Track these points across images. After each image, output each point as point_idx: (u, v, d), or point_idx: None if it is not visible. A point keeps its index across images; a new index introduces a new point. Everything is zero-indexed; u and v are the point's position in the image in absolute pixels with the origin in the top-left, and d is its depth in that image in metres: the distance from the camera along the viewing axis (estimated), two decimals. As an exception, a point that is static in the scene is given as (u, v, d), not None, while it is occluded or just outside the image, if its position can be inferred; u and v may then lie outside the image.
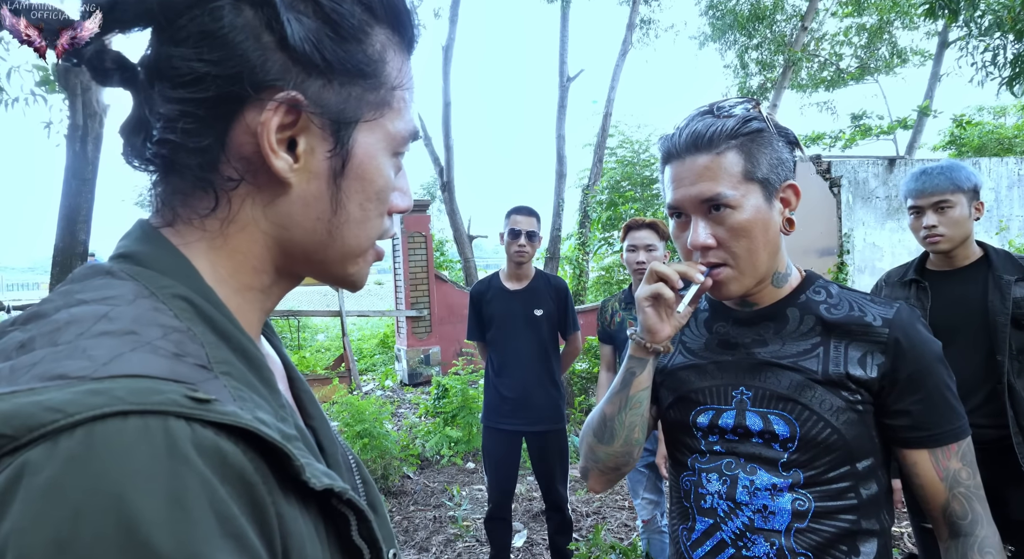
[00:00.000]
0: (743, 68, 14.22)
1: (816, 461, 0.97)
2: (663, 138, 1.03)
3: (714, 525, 1.02)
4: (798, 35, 12.55)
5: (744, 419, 1.02)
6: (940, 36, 13.62)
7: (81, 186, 5.13)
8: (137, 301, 0.42)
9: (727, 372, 1.05)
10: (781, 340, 1.03)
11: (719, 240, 0.98)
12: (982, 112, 15.05)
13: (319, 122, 0.48)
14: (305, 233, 0.51)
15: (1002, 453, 1.90)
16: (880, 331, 0.98)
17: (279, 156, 0.47)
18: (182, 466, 0.33)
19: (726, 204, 0.96)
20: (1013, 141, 12.05)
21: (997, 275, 1.93)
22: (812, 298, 1.05)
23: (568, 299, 3.18)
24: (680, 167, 0.99)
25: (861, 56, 14.26)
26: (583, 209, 10.25)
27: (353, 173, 0.51)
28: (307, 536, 0.42)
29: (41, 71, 5.29)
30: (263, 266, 0.51)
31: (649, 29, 13.46)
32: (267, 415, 0.41)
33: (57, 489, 0.31)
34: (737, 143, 0.96)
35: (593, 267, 10.39)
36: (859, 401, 0.97)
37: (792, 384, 0.99)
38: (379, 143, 0.52)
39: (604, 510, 4.14)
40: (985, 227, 7.78)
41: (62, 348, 0.37)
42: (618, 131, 10.53)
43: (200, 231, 0.49)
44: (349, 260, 0.55)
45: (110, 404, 0.33)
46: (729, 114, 0.98)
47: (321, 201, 0.50)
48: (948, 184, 1.96)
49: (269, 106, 0.46)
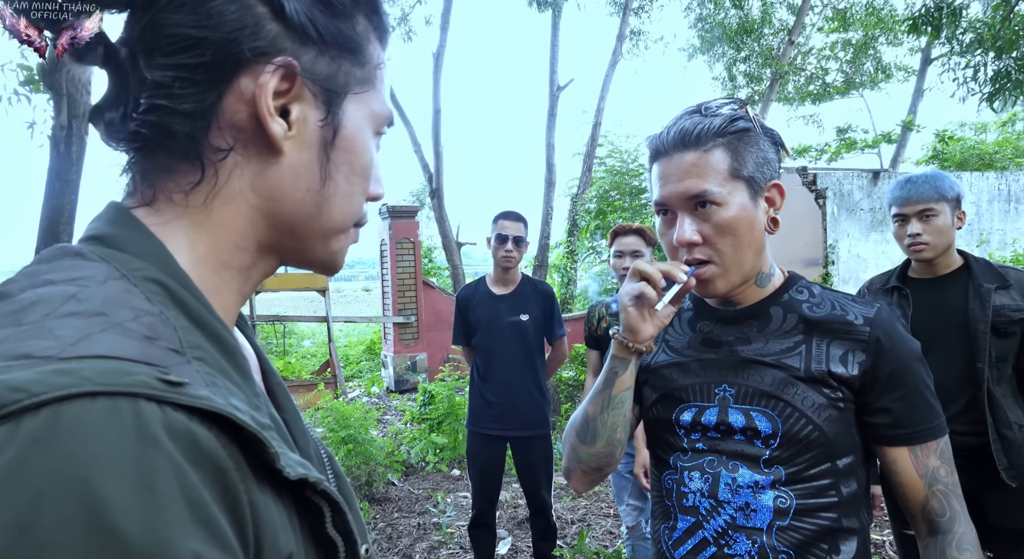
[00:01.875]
0: (731, 80, 14.37)
1: (797, 458, 0.97)
2: (651, 136, 1.04)
3: (696, 523, 1.02)
4: (785, 49, 12.71)
5: (727, 416, 1.02)
6: (923, 52, 13.86)
7: (65, 187, 5.07)
8: (107, 283, 0.40)
9: (710, 370, 1.06)
10: (764, 338, 1.03)
11: (705, 237, 0.98)
12: (964, 128, 15.31)
13: (312, 90, 0.49)
14: (293, 204, 0.50)
15: (981, 460, 1.91)
16: (861, 330, 0.99)
17: (275, 120, 0.47)
18: (152, 449, 0.32)
19: (712, 201, 0.97)
20: (994, 156, 12.26)
21: (977, 283, 1.96)
22: (795, 297, 1.06)
23: (554, 304, 3.18)
24: (667, 164, 1.00)
25: (847, 71, 14.47)
26: (572, 218, 10.29)
27: (343, 144, 0.52)
28: (280, 526, 0.41)
29: (25, 70, 5.24)
30: (245, 243, 0.50)
31: (639, 40, 13.59)
32: (241, 402, 0.40)
33: (19, 470, 0.29)
34: (724, 141, 0.97)
35: (581, 276, 10.42)
36: (840, 398, 0.98)
37: (775, 381, 1.00)
38: (365, 118, 0.54)
39: (589, 517, 4.12)
40: (966, 240, 7.89)
41: (27, 328, 0.36)
42: (607, 141, 10.59)
43: (182, 207, 0.48)
44: (332, 237, 0.54)
45: (77, 384, 0.32)
46: (716, 113, 0.99)
47: (311, 171, 0.50)
48: (933, 193, 1.98)
49: (268, 69, 0.46)
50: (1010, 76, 5.86)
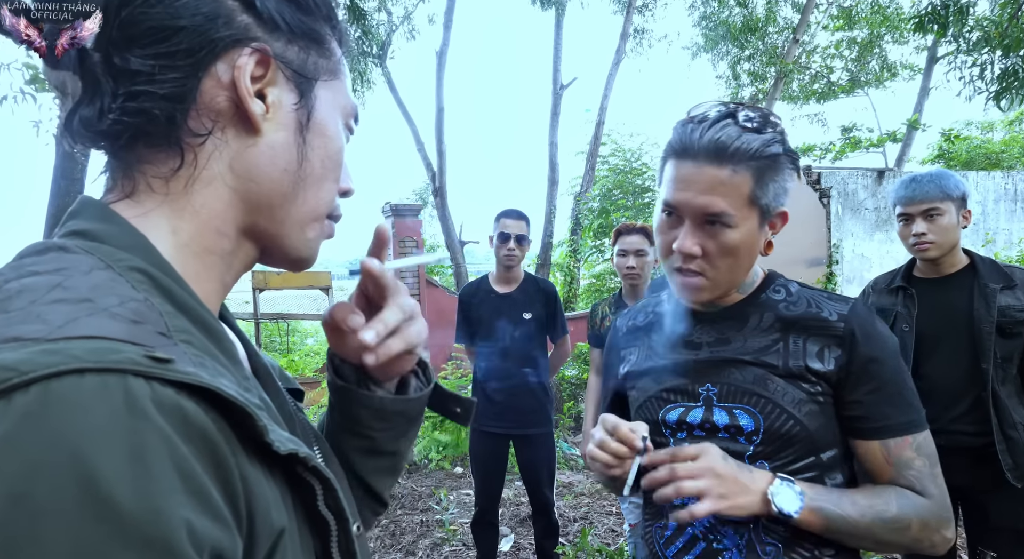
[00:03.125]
0: (735, 79, 14.33)
1: (781, 452, 1.00)
2: (680, 129, 0.99)
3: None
4: (790, 47, 12.67)
5: (711, 415, 1.04)
6: (929, 51, 13.80)
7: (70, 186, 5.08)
8: (92, 272, 0.42)
9: (693, 370, 1.08)
10: (743, 337, 1.05)
11: (705, 251, 0.99)
12: (970, 127, 15.24)
13: (286, 74, 0.52)
14: (271, 183, 0.52)
15: (986, 460, 1.91)
16: (836, 325, 1.01)
17: (254, 100, 0.50)
18: (142, 423, 0.33)
19: (725, 223, 0.97)
20: (1000, 156, 12.20)
21: (983, 283, 1.95)
22: (771, 297, 1.08)
23: (557, 303, 3.18)
24: (692, 170, 0.96)
25: (852, 69, 14.41)
26: (575, 216, 10.28)
27: (316, 128, 0.54)
28: (272, 500, 0.41)
29: (31, 69, 5.25)
30: (225, 227, 0.52)
31: (642, 39, 13.55)
32: (230, 383, 0.41)
33: (12, 444, 0.30)
34: (755, 165, 0.95)
35: (584, 274, 10.41)
36: (820, 393, 1.00)
37: (755, 378, 1.02)
38: (335, 107, 0.57)
39: (591, 515, 4.12)
40: (972, 240, 7.85)
41: (14, 314, 0.37)
42: (611, 139, 10.58)
43: (162, 195, 0.50)
44: (308, 224, 0.56)
45: (66, 362, 0.33)
46: (755, 128, 0.96)
47: (288, 151, 0.53)
48: (937, 192, 1.97)
49: (244, 52, 0.49)
50: (1017, 74, 5.83)
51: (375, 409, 0.66)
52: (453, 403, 0.75)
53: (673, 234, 1.01)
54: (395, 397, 0.67)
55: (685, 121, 0.99)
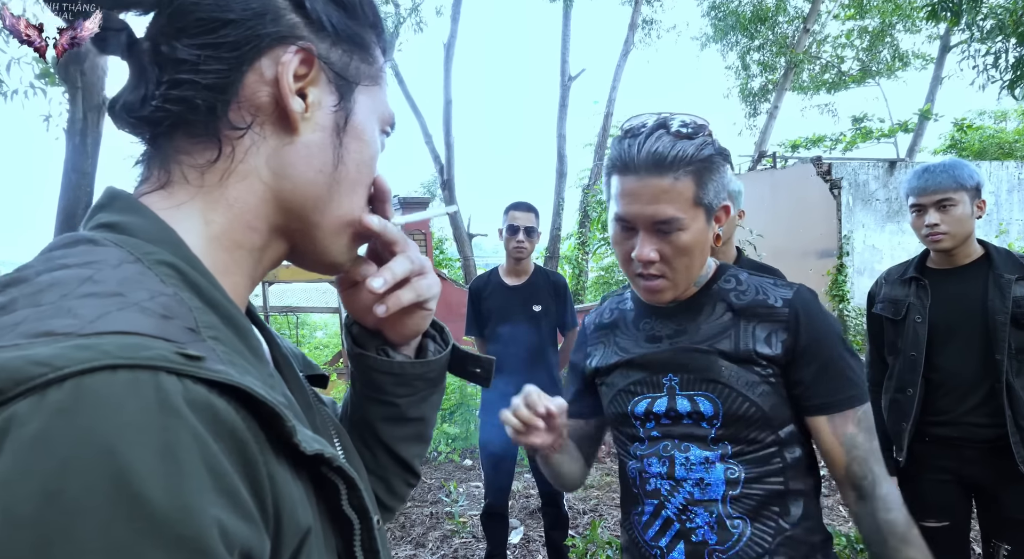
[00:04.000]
0: (745, 69, 14.23)
1: (740, 433, 1.07)
2: (617, 146, 1.06)
3: (659, 504, 1.12)
4: (800, 37, 12.55)
5: (675, 403, 1.11)
6: (942, 39, 13.63)
7: (81, 180, 5.11)
8: (122, 266, 0.41)
9: (656, 362, 1.14)
10: (698, 327, 1.13)
11: (662, 255, 1.05)
12: (983, 116, 15.08)
13: (328, 76, 0.52)
14: (306, 184, 0.52)
15: (1000, 452, 1.89)
16: (781, 311, 1.09)
17: (295, 98, 0.50)
18: (174, 420, 0.33)
19: (677, 227, 1.03)
20: (1014, 145, 12.07)
21: (997, 274, 1.93)
22: (723, 287, 1.16)
23: (567, 295, 3.18)
24: (636, 184, 1.03)
25: (863, 59, 14.27)
26: (583, 209, 10.25)
27: (354, 131, 0.54)
28: (298, 500, 0.41)
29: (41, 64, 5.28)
30: (257, 222, 0.52)
31: (651, 29, 13.45)
32: (256, 380, 0.41)
33: (45, 441, 0.30)
34: (693, 169, 1.02)
35: (592, 267, 10.39)
36: (771, 375, 1.07)
37: (710, 365, 1.09)
38: (373, 112, 0.57)
39: (601, 507, 4.13)
40: (985, 230, 7.78)
41: (46, 308, 0.37)
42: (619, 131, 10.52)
43: (196, 187, 0.50)
44: (341, 228, 0.56)
45: (99, 358, 0.33)
46: (687, 135, 1.02)
47: (324, 152, 0.53)
48: (951, 182, 1.95)
49: (290, 50, 0.50)
50: (1031, 63, 5.74)
51: (395, 374, 0.66)
52: (472, 364, 0.75)
53: (629, 244, 1.07)
54: (414, 361, 0.67)
55: (621, 137, 1.06)
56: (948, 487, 2.00)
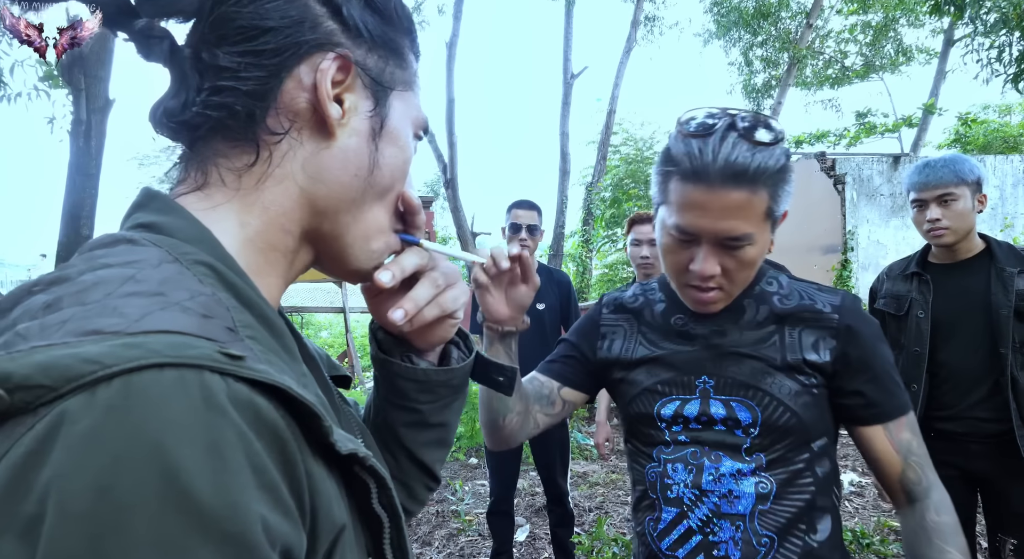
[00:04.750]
0: (748, 65, 14.19)
1: (776, 444, 1.02)
2: (683, 143, 0.95)
3: (680, 514, 1.05)
4: (803, 32, 12.51)
5: (708, 407, 1.05)
6: (945, 34, 13.56)
7: (85, 181, 5.14)
8: (162, 266, 0.42)
9: (689, 362, 1.08)
10: (739, 330, 1.07)
11: (724, 269, 0.99)
12: (987, 110, 15.01)
13: (364, 81, 0.54)
14: (341, 188, 0.53)
15: (1005, 446, 1.89)
16: (830, 317, 1.04)
17: (332, 104, 0.51)
18: (219, 418, 0.33)
19: (746, 243, 0.96)
20: (1018, 139, 12.00)
21: (1000, 267, 1.93)
22: (765, 289, 1.10)
23: (571, 293, 3.18)
24: (707, 196, 0.93)
25: (866, 54, 14.21)
26: (587, 206, 10.25)
27: (389, 136, 0.55)
28: (333, 497, 0.42)
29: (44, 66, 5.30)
30: (291, 225, 0.53)
31: (653, 26, 13.42)
32: (292, 380, 0.41)
33: (97, 437, 0.31)
34: (771, 182, 0.94)
35: (597, 264, 10.39)
36: (814, 384, 1.03)
37: (753, 371, 1.03)
38: (408, 116, 0.58)
39: (607, 505, 4.14)
40: (989, 224, 7.75)
41: (92, 306, 0.37)
42: (622, 129, 10.53)
43: (233, 190, 0.51)
44: (373, 233, 0.57)
45: (146, 357, 0.33)
46: (764, 141, 0.92)
47: (360, 157, 0.53)
48: (952, 177, 1.95)
49: (329, 56, 0.51)
50: (1036, 56, 5.72)
51: (419, 381, 0.66)
52: (496, 372, 0.75)
53: (686, 255, 1.00)
54: (438, 368, 0.67)
55: (686, 135, 0.95)
56: (953, 482, 1.99)
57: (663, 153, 1.00)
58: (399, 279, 0.59)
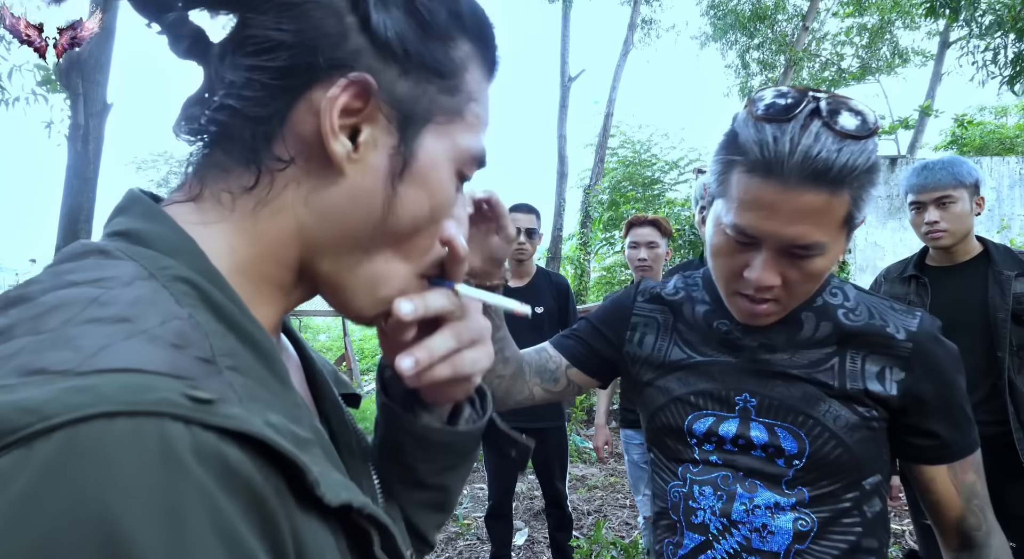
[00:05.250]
0: (744, 68, 14.22)
1: (823, 480, 0.89)
2: (753, 128, 0.80)
3: (705, 543, 0.94)
4: (799, 35, 12.55)
5: (747, 429, 0.92)
6: (941, 36, 13.62)
7: (83, 185, 5.14)
8: (134, 283, 0.37)
9: (730, 376, 0.95)
10: (793, 347, 0.93)
11: (785, 281, 0.85)
12: (984, 112, 15.05)
13: (387, 113, 0.45)
14: (345, 231, 0.46)
15: (1002, 449, 1.89)
16: (903, 345, 0.90)
17: (338, 139, 0.43)
18: (178, 476, 0.29)
19: (817, 253, 0.82)
20: (1015, 141, 12.05)
21: (997, 271, 1.93)
22: (829, 302, 0.95)
23: (569, 296, 3.18)
24: (779, 195, 0.78)
25: (862, 56, 14.26)
26: (584, 209, 10.26)
27: (414, 177, 0.46)
28: (327, 549, 0.38)
29: (42, 70, 5.30)
30: (287, 260, 0.47)
31: (650, 29, 13.48)
32: (278, 416, 0.37)
33: (32, 501, 0.26)
34: (857, 183, 0.79)
35: (595, 267, 10.39)
36: (875, 418, 0.90)
37: (805, 396, 0.90)
38: (446, 152, 0.47)
39: (606, 508, 4.13)
40: (987, 226, 7.77)
41: (45, 337, 0.33)
42: (619, 131, 10.53)
43: (228, 210, 0.45)
44: (381, 282, 0.48)
45: (94, 404, 0.29)
46: (857, 135, 0.77)
47: (372, 199, 0.45)
48: (950, 179, 1.95)
49: (340, 82, 0.42)
50: (1031, 58, 5.75)
51: (417, 437, 0.57)
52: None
53: (740, 260, 0.86)
54: (441, 427, 0.58)
55: (759, 118, 0.80)
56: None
57: (728, 138, 0.85)
58: (420, 316, 0.50)
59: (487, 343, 0.54)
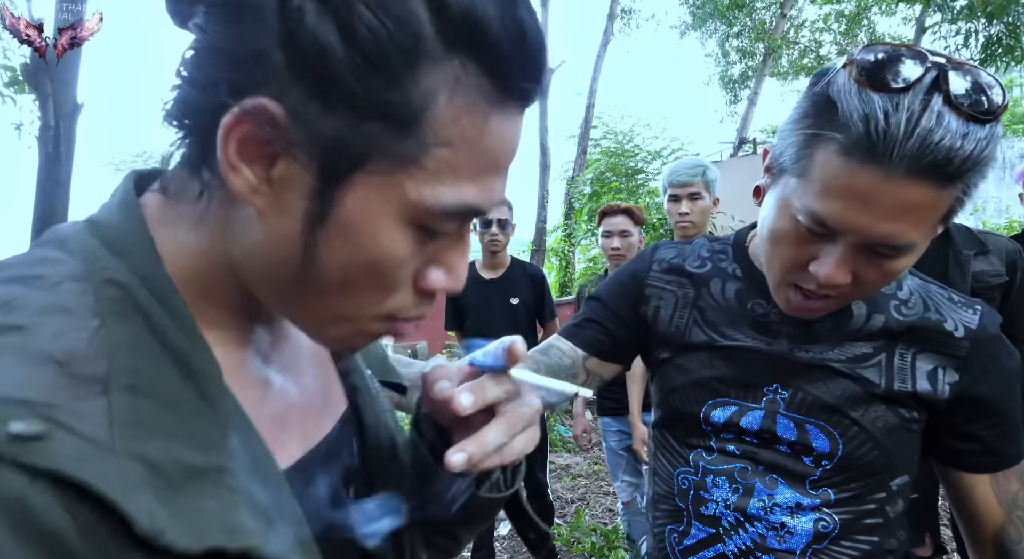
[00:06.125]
0: (724, 56, 14.29)
1: (851, 482, 0.83)
2: (863, 108, 0.64)
3: (715, 536, 0.87)
4: (778, 22, 12.61)
5: (773, 424, 0.84)
6: (918, 21, 13.71)
7: (55, 188, 5.07)
8: (62, 285, 0.36)
9: (760, 363, 0.86)
10: (837, 338, 0.83)
11: (857, 279, 0.72)
12: (961, 96, 15.19)
13: (300, 150, 0.37)
14: (268, 269, 0.41)
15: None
16: (960, 344, 0.81)
17: (238, 172, 0.37)
18: None
19: (905, 253, 0.70)
20: (991, 124, 12.19)
21: (957, 250, 1.96)
22: (882, 291, 0.84)
23: (545, 286, 3.19)
24: (881, 186, 0.64)
25: (840, 43, 14.34)
26: (568, 201, 10.28)
27: (337, 229, 0.38)
28: None
29: (9, 72, 5.22)
30: (229, 282, 0.43)
31: (630, 19, 13.49)
32: (164, 445, 0.34)
33: None
34: (972, 175, 0.65)
35: (580, 258, 10.43)
36: (915, 419, 0.83)
37: (845, 394, 0.82)
38: (387, 205, 0.39)
39: (589, 496, 4.17)
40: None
41: None
42: (602, 122, 10.55)
43: (181, 215, 0.42)
44: (329, 323, 0.44)
45: None
46: (983, 116, 0.63)
47: (289, 245, 0.39)
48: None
49: (234, 111, 0.35)
50: (1001, 42, 5.82)
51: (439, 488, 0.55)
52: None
53: (808, 251, 0.73)
54: (466, 488, 0.55)
55: (866, 86, 0.64)
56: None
57: (818, 103, 0.69)
58: (478, 408, 0.47)
59: (536, 426, 0.52)
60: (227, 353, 0.44)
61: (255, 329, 0.48)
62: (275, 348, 0.50)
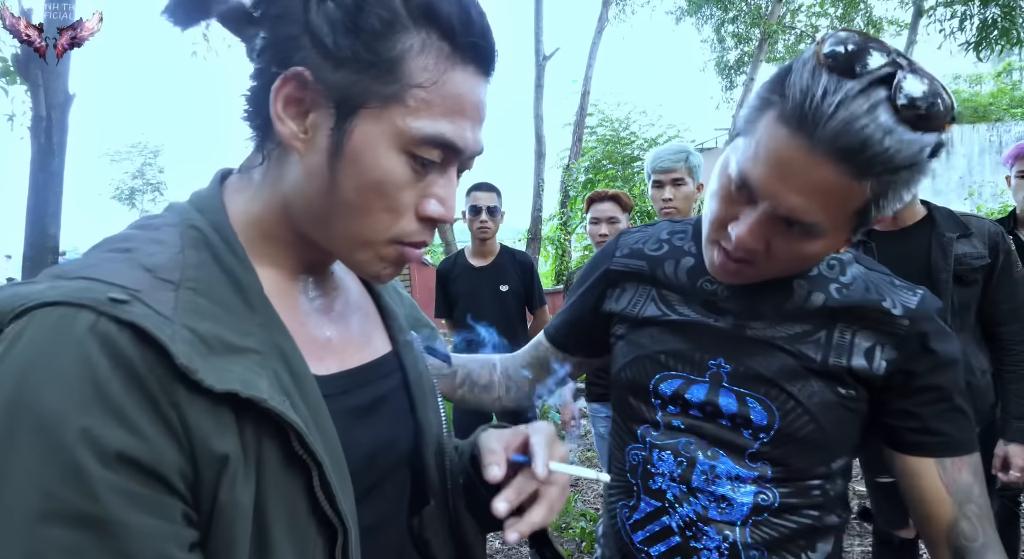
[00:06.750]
0: (720, 42, 14.21)
1: (789, 457, 0.85)
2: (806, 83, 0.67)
3: (661, 509, 0.91)
4: (774, 7, 12.53)
5: (716, 396, 0.87)
6: (915, 4, 13.63)
7: (48, 179, 5.06)
8: (162, 229, 0.54)
9: (706, 338, 0.89)
10: (779, 315, 0.87)
11: (769, 248, 0.77)
12: (959, 80, 15.15)
13: (323, 101, 0.53)
14: (308, 203, 0.56)
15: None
16: (899, 322, 0.83)
17: (284, 123, 0.53)
18: (71, 347, 0.42)
19: (812, 234, 0.74)
20: (988, 108, 12.16)
21: (940, 233, 1.97)
22: (824, 274, 0.88)
23: (534, 274, 3.20)
24: (801, 156, 0.68)
25: (837, 27, 14.25)
26: (563, 189, 10.26)
27: (349, 157, 0.53)
28: (211, 430, 0.46)
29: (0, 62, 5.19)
30: (284, 224, 0.58)
31: (625, 5, 13.41)
32: (212, 325, 0.48)
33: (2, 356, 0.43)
34: (889, 178, 0.68)
35: (576, 246, 10.42)
36: (854, 398, 0.85)
37: (782, 368, 0.85)
38: (382, 135, 0.53)
39: (581, 482, 4.20)
40: (958, 192, 7.87)
41: (89, 256, 0.50)
42: (597, 110, 10.52)
43: (250, 182, 0.59)
44: (355, 247, 0.58)
45: (52, 296, 0.43)
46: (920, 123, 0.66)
47: (320, 175, 0.54)
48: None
49: (280, 77, 0.52)
50: (996, 24, 5.80)
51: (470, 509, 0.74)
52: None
53: (732, 210, 0.78)
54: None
55: (815, 67, 0.68)
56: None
57: (779, 73, 0.74)
58: (525, 534, 0.62)
59: (566, 489, 0.67)
60: (278, 282, 0.59)
61: (306, 271, 0.63)
62: (323, 291, 0.65)
